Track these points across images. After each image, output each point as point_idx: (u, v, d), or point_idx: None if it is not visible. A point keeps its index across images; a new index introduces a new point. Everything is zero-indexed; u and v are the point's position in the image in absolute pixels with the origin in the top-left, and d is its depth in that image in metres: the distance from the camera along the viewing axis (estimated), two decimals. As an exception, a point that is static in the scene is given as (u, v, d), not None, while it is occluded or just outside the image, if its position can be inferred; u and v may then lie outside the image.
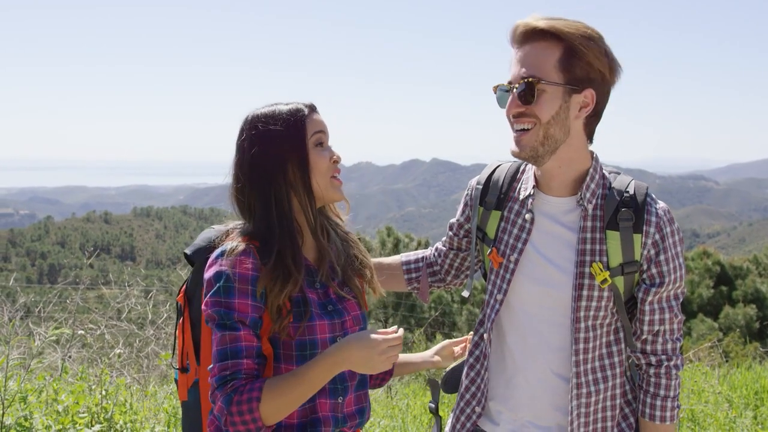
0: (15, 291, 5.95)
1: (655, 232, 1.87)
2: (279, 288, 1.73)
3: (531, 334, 1.96)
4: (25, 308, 5.72)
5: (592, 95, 1.80)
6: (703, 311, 18.70)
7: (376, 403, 6.02)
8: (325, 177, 1.84)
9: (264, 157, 1.79)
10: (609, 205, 1.88)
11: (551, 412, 1.95)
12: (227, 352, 1.68)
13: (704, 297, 18.99)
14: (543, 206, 1.96)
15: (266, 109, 1.85)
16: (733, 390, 5.75)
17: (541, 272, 1.94)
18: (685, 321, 18.61)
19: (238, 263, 1.73)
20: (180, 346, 1.94)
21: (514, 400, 2.00)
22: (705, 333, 16.46)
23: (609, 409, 1.96)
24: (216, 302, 1.70)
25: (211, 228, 1.97)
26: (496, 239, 2.04)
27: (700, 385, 5.52)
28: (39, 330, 4.82)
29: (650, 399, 1.93)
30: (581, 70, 1.76)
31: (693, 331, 17.44)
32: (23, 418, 3.41)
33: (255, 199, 1.81)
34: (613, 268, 1.87)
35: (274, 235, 1.77)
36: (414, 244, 18.24)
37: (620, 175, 1.98)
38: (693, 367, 6.35)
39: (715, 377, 5.94)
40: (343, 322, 1.84)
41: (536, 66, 1.77)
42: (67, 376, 4.50)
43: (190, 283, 1.94)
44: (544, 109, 1.79)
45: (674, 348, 1.93)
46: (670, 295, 1.90)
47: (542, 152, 1.83)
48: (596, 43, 1.76)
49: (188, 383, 1.91)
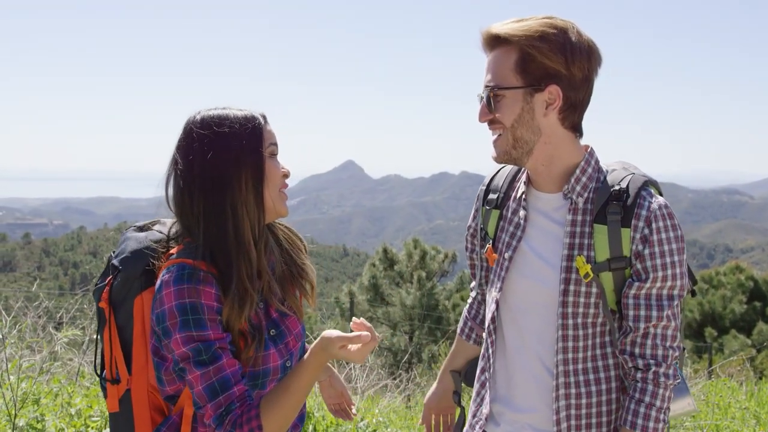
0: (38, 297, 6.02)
1: (644, 227, 1.79)
2: (237, 312, 1.65)
3: (527, 332, 1.93)
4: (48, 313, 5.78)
5: (557, 90, 1.78)
6: (735, 327, 18.31)
7: (395, 413, 5.97)
8: (276, 189, 1.75)
9: (218, 163, 1.67)
10: (599, 199, 1.84)
11: (548, 414, 1.90)
12: (216, 387, 1.61)
13: (737, 313, 18.60)
14: (535, 203, 1.95)
15: (219, 111, 1.73)
16: (760, 406, 5.59)
17: (533, 268, 1.91)
18: (717, 337, 18.42)
19: (203, 294, 1.63)
20: (108, 356, 1.80)
21: (514, 401, 1.97)
22: (737, 349, 16.12)
23: (605, 414, 1.89)
24: (189, 338, 1.60)
25: (133, 232, 1.85)
26: (495, 238, 2.04)
27: (726, 399, 5.38)
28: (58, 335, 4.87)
29: (633, 405, 1.81)
30: (536, 69, 1.76)
31: (725, 347, 17.09)
32: (35, 420, 3.43)
33: (204, 210, 1.68)
34: (600, 262, 1.81)
35: (228, 253, 1.67)
36: (441, 256, 18.17)
37: (619, 170, 1.92)
38: (719, 381, 6.20)
39: (742, 393, 5.79)
40: (286, 344, 1.80)
41: (496, 73, 1.81)
42: (84, 380, 4.52)
43: (115, 289, 1.77)
44: (506, 114, 1.81)
45: (665, 355, 1.81)
46: (661, 294, 1.80)
47: (517, 155, 1.85)
48: (550, 40, 1.75)
49: (119, 393, 1.78)
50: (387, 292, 16.77)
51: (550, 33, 1.75)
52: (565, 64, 1.76)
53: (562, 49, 1.75)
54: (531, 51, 1.75)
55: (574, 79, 1.78)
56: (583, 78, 1.79)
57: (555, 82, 1.77)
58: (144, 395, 1.75)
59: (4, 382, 3.57)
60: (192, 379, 1.61)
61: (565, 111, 1.81)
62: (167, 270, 1.66)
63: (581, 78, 1.79)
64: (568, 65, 1.76)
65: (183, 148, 1.72)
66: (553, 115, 1.81)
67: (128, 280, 1.75)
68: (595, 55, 1.81)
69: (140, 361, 1.75)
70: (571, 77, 1.78)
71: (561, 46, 1.75)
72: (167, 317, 1.61)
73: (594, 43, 1.81)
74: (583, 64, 1.78)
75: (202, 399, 1.61)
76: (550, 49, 1.75)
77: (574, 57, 1.76)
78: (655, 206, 1.80)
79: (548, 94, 1.78)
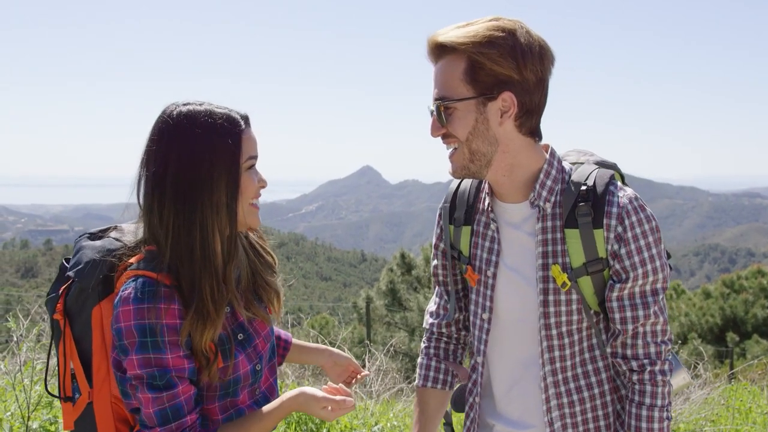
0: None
1: (617, 225, 1.71)
2: (200, 333, 1.59)
3: (514, 347, 1.87)
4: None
5: (511, 97, 1.67)
6: (758, 332, 18.08)
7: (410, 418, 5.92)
8: (248, 202, 1.68)
9: (191, 174, 1.59)
10: (567, 201, 1.75)
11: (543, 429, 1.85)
12: (167, 413, 1.57)
13: (759, 317, 18.37)
14: (503, 214, 1.86)
15: (194, 109, 1.63)
16: (783, 411, 5.49)
17: (511, 283, 1.84)
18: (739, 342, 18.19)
19: (165, 313, 1.56)
20: (62, 371, 1.71)
21: (509, 418, 1.91)
22: (759, 354, 15.90)
23: (602, 418, 1.84)
24: (145, 361, 1.54)
25: (87, 240, 1.75)
26: (470, 256, 1.93)
27: (747, 404, 5.28)
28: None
29: (635, 409, 1.76)
30: (487, 77, 1.66)
31: (747, 352, 16.88)
32: (48, 422, 3.43)
33: (174, 220, 1.60)
34: (576, 268, 1.74)
35: (193, 271, 1.60)
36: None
37: (584, 164, 1.83)
38: (740, 386, 6.10)
39: (764, 397, 5.69)
40: (255, 347, 1.76)
41: (444, 84, 1.70)
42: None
43: (70, 299, 1.69)
44: (459, 127, 1.70)
45: (658, 352, 1.76)
46: (645, 290, 1.74)
47: (475, 169, 1.75)
48: (499, 45, 1.63)
49: (77, 411, 1.70)
50: (404, 297, 16.73)
51: (497, 37, 1.64)
52: (517, 69, 1.65)
53: (512, 53, 1.65)
54: (479, 58, 1.64)
55: (527, 84, 1.68)
56: (537, 81, 1.69)
57: (508, 88, 1.67)
58: (107, 407, 1.68)
59: (17, 384, 3.58)
60: (143, 398, 1.57)
61: (522, 117, 1.71)
62: (127, 284, 1.59)
63: (535, 81, 1.69)
64: (520, 69, 1.65)
65: (154, 152, 1.62)
66: (509, 122, 1.71)
67: (84, 291, 1.67)
68: (548, 55, 1.71)
69: (101, 372, 1.67)
70: (524, 81, 1.67)
71: (510, 49, 1.64)
72: (124, 336, 1.55)
73: (545, 42, 1.71)
74: (535, 66, 1.68)
75: (151, 421, 1.58)
76: (500, 54, 1.64)
77: (525, 60, 1.66)
78: (625, 201, 1.73)
79: (502, 101, 1.68)
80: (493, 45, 1.64)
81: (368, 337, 13.47)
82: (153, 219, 1.63)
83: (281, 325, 6.51)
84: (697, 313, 19.25)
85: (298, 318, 9.72)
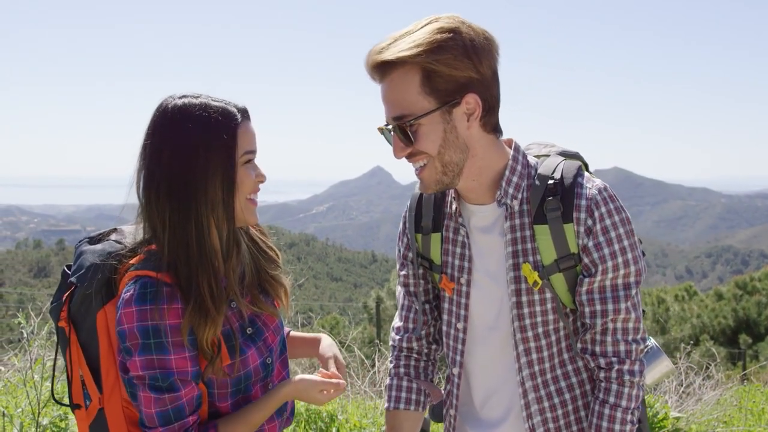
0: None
1: (587, 218, 1.64)
2: (201, 330, 1.57)
3: (498, 356, 1.79)
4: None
5: (474, 98, 1.60)
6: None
7: None
8: (244, 198, 1.64)
9: (186, 169, 1.56)
10: (534, 197, 1.68)
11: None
12: (170, 415, 1.55)
13: (772, 319, 18.25)
14: (470, 217, 1.78)
15: (189, 102, 1.60)
16: (796, 412, 5.43)
17: (488, 289, 1.77)
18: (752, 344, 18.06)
19: (168, 313, 1.54)
20: (71, 378, 1.70)
21: (487, 425, 1.84)
22: (773, 356, 15.79)
23: (585, 420, 1.77)
24: (148, 363, 1.53)
25: (87, 245, 1.74)
26: (442, 264, 1.84)
27: (759, 405, 5.24)
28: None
29: (598, 407, 1.69)
30: (446, 84, 1.57)
31: (761, 354, 16.77)
32: (58, 419, 3.45)
33: (170, 215, 1.58)
34: (548, 266, 1.68)
35: (190, 267, 1.57)
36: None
37: (550, 157, 1.77)
38: (753, 387, 6.05)
39: (777, 399, 5.64)
40: (264, 340, 1.75)
41: (400, 102, 1.59)
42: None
43: (74, 306, 1.67)
44: (428, 143, 1.61)
45: (628, 350, 1.67)
46: (616, 284, 1.66)
47: (448, 180, 1.67)
48: (449, 47, 1.55)
49: (90, 418, 1.68)
50: (414, 297, 16.73)
51: (445, 39, 1.55)
52: (474, 68, 1.57)
53: (465, 53, 1.56)
54: (434, 66, 1.55)
55: (486, 80, 1.60)
56: (493, 74, 1.62)
57: (469, 90, 1.59)
58: (119, 412, 1.66)
59: (28, 381, 3.60)
60: (143, 398, 1.55)
61: (486, 116, 1.64)
62: (129, 285, 1.57)
63: (491, 75, 1.62)
64: (476, 67, 1.57)
65: (149, 146, 1.60)
66: (476, 124, 1.63)
67: (87, 296, 1.65)
68: (495, 44, 1.63)
69: (111, 377, 1.65)
70: (483, 78, 1.60)
71: (463, 49, 1.56)
72: (128, 337, 1.54)
73: (488, 32, 1.62)
74: (489, 59, 1.60)
75: (152, 422, 1.56)
76: (454, 57, 1.55)
77: (479, 56, 1.58)
78: (594, 191, 1.66)
79: (466, 105, 1.60)
80: (444, 49, 1.55)
81: (378, 337, 13.46)
82: (152, 213, 1.61)
83: (291, 324, 6.51)
84: (710, 315, 19.15)
85: (309, 318, 9.71)
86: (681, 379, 5.62)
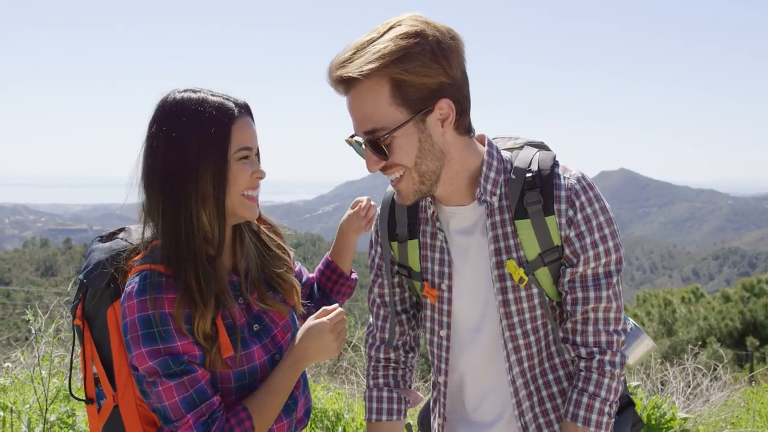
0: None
1: (568, 208, 1.62)
2: (193, 321, 1.57)
3: (486, 359, 1.77)
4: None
5: (448, 103, 1.54)
6: (778, 336, 17.88)
7: None
8: (238, 194, 1.63)
9: (177, 162, 1.57)
10: (513, 191, 1.64)
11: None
12: (194, 398, 1.55)
13: (780, 321, 18.17)
14: (450, 220, 1.74)
15: (187, 96, 1.60)
16: (804, 414, 5.41)
17: (472, 292, 1.74)
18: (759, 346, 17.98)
19: (167, 302, 1.56)
20: (86, 374, 1.73)
21: (479, 427, 1.82)
22: (780, 359, 15.73)
23: None
24: (155, 352, 1.53)
25: (98, 243, 1.76)
26: (422, 271, 1.79)
27: (767, 406, 5.21)
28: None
29: (576, 395, 1.67)
30: (417, 92, 1.50)
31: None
32: (66, 415, 3.46)
33: (161, 205, 1.60)
34: (532, 261, 1.65)
35: (179, 259, 1.58)
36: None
37: (523, 149, 1.73)
38: (761, 389, 6.03)
39: (785, 400, 5.61)
40: (273, 338, 1.74)
41: (371, 116, 1.53)
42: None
43: (87, 304, 1.70)
44: (404, 155, 1.56)
45: (609, 341, 1.65)
46: (597, 273, 1.64)
47: (426, 189, 1.63)
48: (416, 53, 1.48)
49: (104, 416, 1.70)
50: (420, 298, 16.71)
51: (411, 45, 1.47)
52: (444, 72, 1.51)
53: (434, 58, 1.49)
54: (403, 76, 1.48)
55: (456, 82, 1.55)
56: (462, 74, 1.57)
57: (441, 95, 1.53)
58: (133, 409, 1.67)
59: (36, 378, 3.61)
60: (163, 390, 1.54)
61: (459, 119, 1.59)
62: (131, 279, 1.60)
63: (461, 76, 1.56)
64: (446, 71, 1.51)
65: (148, 138, 1.62)
66: (450, 129, 1.58)
67: (96, 293, 1.68)
68: (461, 43, 1.56)
69: (124, 373, 1.66)
70: (454, 81, 1.54)
71: (431, 54, 1.49)
72: (128, 330, 1.55)
73: (453, 30, 1.55)
74: (457, 60, 1.54)
75: (178, 412, 1.55)
76: (422, 64, 1.48)
77: (448, 59, 1.51)
78: (573, 181, 1.64)
79: (439, 111, 1.55)
80: (412, 56, 1.48)
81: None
82: (150, 207, 1.63)
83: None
84: (717, 317, 19.06)
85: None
86: (689, 380, 5.60)
